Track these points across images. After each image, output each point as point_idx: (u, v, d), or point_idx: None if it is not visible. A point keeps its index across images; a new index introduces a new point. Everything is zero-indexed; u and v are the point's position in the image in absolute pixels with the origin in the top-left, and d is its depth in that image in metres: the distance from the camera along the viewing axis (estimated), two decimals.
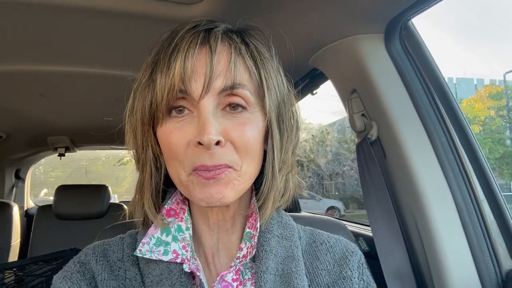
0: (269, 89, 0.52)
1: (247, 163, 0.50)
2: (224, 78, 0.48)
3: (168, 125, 0.49)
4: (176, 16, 0.93)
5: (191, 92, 0.47)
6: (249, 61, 0.51)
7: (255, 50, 0.52)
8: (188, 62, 0.47)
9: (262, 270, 0.52)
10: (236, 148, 0.49)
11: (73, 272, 0.53)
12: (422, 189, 0.88)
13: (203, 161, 0.47)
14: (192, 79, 0.47)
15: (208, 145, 0.45)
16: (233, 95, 0.49)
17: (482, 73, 14.95)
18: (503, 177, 8.37)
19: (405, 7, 0.83)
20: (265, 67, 0.52)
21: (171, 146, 0.49)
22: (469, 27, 13.14)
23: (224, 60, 0.49)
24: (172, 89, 0.47)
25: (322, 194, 9.43)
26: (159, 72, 0.49)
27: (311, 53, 1.07)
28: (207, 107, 0.47)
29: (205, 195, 0.48)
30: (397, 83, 0.94)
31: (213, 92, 0.48)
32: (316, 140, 6.76)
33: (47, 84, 1.47)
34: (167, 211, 0.56)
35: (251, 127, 0.50)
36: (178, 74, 0.47)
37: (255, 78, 0.51)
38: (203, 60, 0.48)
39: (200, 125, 0.46)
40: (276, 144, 0.53)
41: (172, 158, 0.50)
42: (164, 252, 0.53)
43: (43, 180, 8.72)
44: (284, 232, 0.58)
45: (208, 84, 0.47)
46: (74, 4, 0.88)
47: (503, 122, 8.92)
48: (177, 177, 0.51)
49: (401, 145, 0.91)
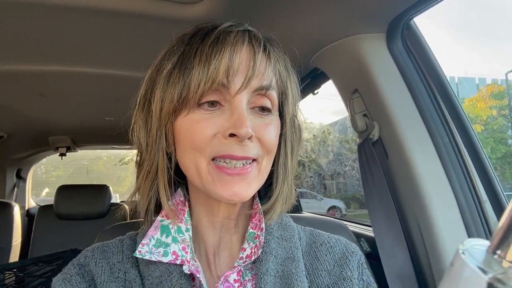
0: (292, 97, 0.56)
1: (267, 160, 0.52)
2: (261, 79, 0.50)
3: (196, 115, 0.50)
4: (176, 16, 0.93)
5: (230, 86, 0.49)
6: (282, 68, 0.55)
7: (284, 61, 0.56)
8: (236, 57, 0.49)
9: (262, 271, 0.52)
10: (262, 145, 0.51)
11: (72, 275, 0.52)
12: (424, 190, 0.88)
13: (231, 151, 0.48)
14: (236, 74, 0.49)
15: (244, 137, 0.47)
16: (264, 96, 0.51)
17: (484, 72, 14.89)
18: (505, 176, 8.34)
19: (406, 6, 0.82)
20: (291, 77, 0.56)
21: (196, 135, 0.49)
22: (470, 26, 13.07)
23: (262, 62, 0.51)
24: (212, 80, 0.48)
25: (323, 194, 9.43)
26: (197, 61, 0.49)
27: (312, 53, 1.07)
28: (242, 102, 0.49)
29: (228, 192, 0.48)
30: (399, 83, 0.93)
31: (249, 90, 0.50)
32: (317, 140, 6.75)
33: (48, 84, 1.47)
34: (170, 210, 0.56)
35: (274, 128, 0.53)
36: (224, 67, 0.48)
37: (282, 85, 0.55)
38: (248, 58, 0.50)
39: (236, 118, 0.47)
40: (289, 149, 0.56)
41: (192, 147, 0.50)
42: (164, 253, 0.53)
43: (44, 179, 8.73)
44: (284, 233, 0.58)
45: (248, 81, 0.49)
46: (75, 4, 0.88)
47: (505, 121, 8.88)
48: (195, 167, 0.50)
49: (403, 145, 0.90)
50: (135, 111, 0.56)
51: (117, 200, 3.27)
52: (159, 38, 0.54)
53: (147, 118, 0.54)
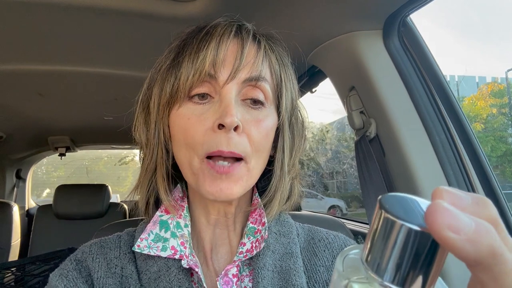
0: (286, 90, 0.55)
1: (256, 159, 0.51)
2: (251, 69, 0.50)
3: (186, 109, 0.50)
4: (172, 14, 0.93)
5: (218, 77, 0.49)
6: (274, 60, 0.54)
7: (278, 53, 0.56)
8: (221, 48, 0.49)
9: (259, 266, 0.52)
10: (250, 141, 0.50)
11: (69, 270, 0.52)
12: (422, 187, 0.88)
13: (220, 147, 0.47)
14: (222, 65, 0.49)
15: (230, 126, 0.46)
16: (255, 87, 0.51)
17: (484, 71, 14.81)
18: (505, 175, 8.35)
19: (403, 3, 0.82)
20: (285, 70, 0.56)
21: (188, 133, 0.49)
22: (470, 25, 13.08)
23: (252, 53, 0.51)
24: (200, 71, 0.49)
25: (323, 193, 9.43)
26: (187, 55, 0.50)
27: (309, 51, 1.07)
28: (230, 92, 0.49)
29: (215, 189, 0.48)
30: (396, 79, 0.93)
31: (237, 80, 0.50)
32: (316, 139, 6.76)
33: (47, 84, 1.48)
34: (165, 208, 0.56)
35: (267, 124, 0.52)
36: (210, 58, 0.49)
37: (276, 77, 0.54)
38: (235, 49, 0.50)
39: (223, 108, 0.48)
40: (286, 144, 0.55)
41: (186, 143, 0.50)
42: (163, 248, 0.53)
43: (45, 180, 8.75)
44: (282, 229, 0.58)
45: (235, 71, 0.49)
46: (73, 4, 0.88)
47: (505, 119, 8.90)
48: (188, 164, 0.51)
49: (400, 142, 0.90)
50: (137, 109, 0.57)
51: (117, 200, 3.27)
52: (158, 37, 0.55)
53: (146, 115, 0.55)
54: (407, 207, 0.22)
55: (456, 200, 0.21)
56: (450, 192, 0.21)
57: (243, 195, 0.54)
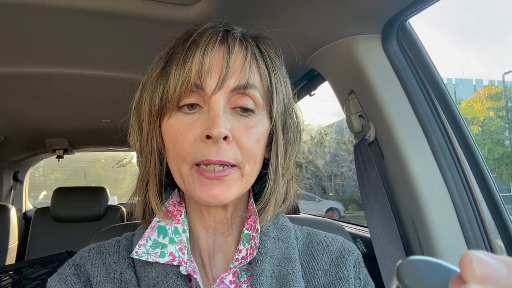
0: (277, 94, 0.54)
1: (249, 165, 0.51)
2: (238, 77, 0.49)
3: (176, 119, 0.50)
4: (172, 17, 0.93)
5: (205, 87, 0.48)
6: (262, 65, 0.53)
7: (268, 57, 0.55)
8: (206, 57, 0.49)
9: (257, 272, 0.51)
10: (240, 148, 0.49)
11: (68, 275, 0.52)
12: (420, 190, 0.88)
13: (208, 156, 0.47)
14: (208, 75, 0.48)
15: (217, 137, 0.46)
16: (244, 95, 0.50)
17: (481, 74, 14.84)
18: (503, 177, 8.38)
19: (402, 7, 0.83)
20: (276, 73, 0.55)
21: (177, 143, 0.49)
22: (467, 28, 13.15)
23: (240, 60, 0.50)
24: (187, 82, 0.48)
25: (321, 195, 9.43)
26: (174, 65, 0.50)
27: (308, 54, 1.07)
28: (218, 102, 0.48)
29: (206, 194, 0.48)
30: (395, 83, 0.93)
31: (225, 89, 0.49)
32: (314, 141, 6.77)
33: (45, 86, 1.47)
34: (164, 213, 0.56)
35: (258, 130, 0.51)
36: (196, 68, 0.48)
37: (266, 82, 0.53)
38: (221, 58, 0.50)
39: (211, 118, 0.47)
40: (280, 149, 0.55)
41: (176, 152, 0.50)
42: (161, 254, 0.52)
43: (42, 182, 8.70)
44: (280, 233, 0.57)
45: (222, 81, 0.48)
46: (71, 6, 0.88)
47: (502, 122, 8.94)
48: (178, 172, 0.51)
49: (398, 146, 0.91)
50: (132, 115, 0.56)
51: (115, 202, 3.26)
52: (156, 40, 0.54)
53: (140, 122, 0.55)
54: (428, 277, 0.19)
55: (489, 271, 0.18)
56: (480, 261, 0.18)
57: (239, 200, 0.54)
